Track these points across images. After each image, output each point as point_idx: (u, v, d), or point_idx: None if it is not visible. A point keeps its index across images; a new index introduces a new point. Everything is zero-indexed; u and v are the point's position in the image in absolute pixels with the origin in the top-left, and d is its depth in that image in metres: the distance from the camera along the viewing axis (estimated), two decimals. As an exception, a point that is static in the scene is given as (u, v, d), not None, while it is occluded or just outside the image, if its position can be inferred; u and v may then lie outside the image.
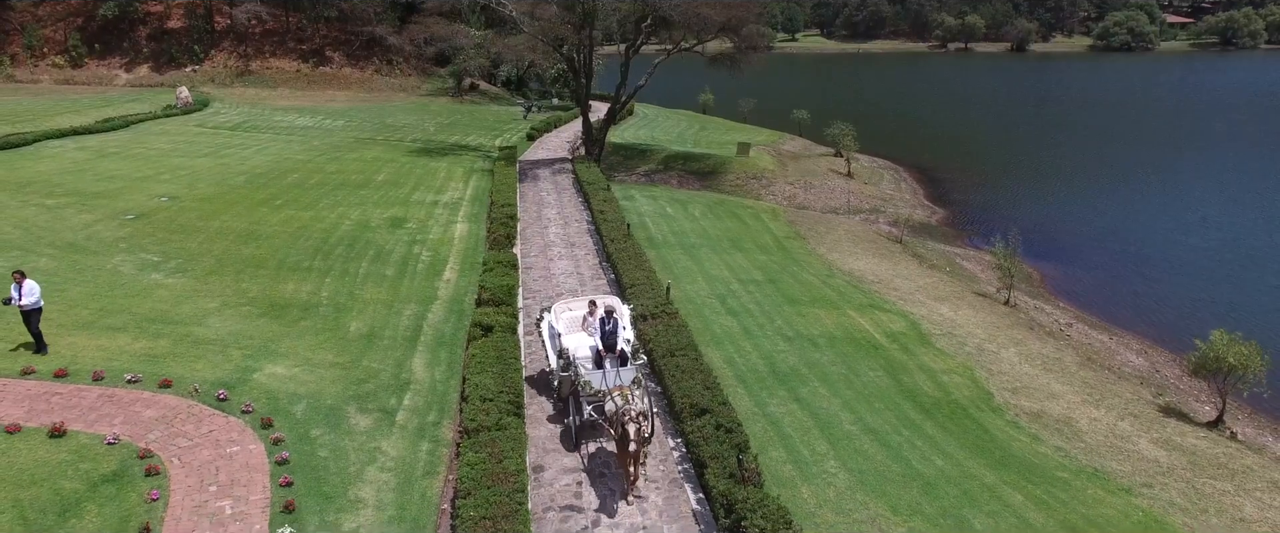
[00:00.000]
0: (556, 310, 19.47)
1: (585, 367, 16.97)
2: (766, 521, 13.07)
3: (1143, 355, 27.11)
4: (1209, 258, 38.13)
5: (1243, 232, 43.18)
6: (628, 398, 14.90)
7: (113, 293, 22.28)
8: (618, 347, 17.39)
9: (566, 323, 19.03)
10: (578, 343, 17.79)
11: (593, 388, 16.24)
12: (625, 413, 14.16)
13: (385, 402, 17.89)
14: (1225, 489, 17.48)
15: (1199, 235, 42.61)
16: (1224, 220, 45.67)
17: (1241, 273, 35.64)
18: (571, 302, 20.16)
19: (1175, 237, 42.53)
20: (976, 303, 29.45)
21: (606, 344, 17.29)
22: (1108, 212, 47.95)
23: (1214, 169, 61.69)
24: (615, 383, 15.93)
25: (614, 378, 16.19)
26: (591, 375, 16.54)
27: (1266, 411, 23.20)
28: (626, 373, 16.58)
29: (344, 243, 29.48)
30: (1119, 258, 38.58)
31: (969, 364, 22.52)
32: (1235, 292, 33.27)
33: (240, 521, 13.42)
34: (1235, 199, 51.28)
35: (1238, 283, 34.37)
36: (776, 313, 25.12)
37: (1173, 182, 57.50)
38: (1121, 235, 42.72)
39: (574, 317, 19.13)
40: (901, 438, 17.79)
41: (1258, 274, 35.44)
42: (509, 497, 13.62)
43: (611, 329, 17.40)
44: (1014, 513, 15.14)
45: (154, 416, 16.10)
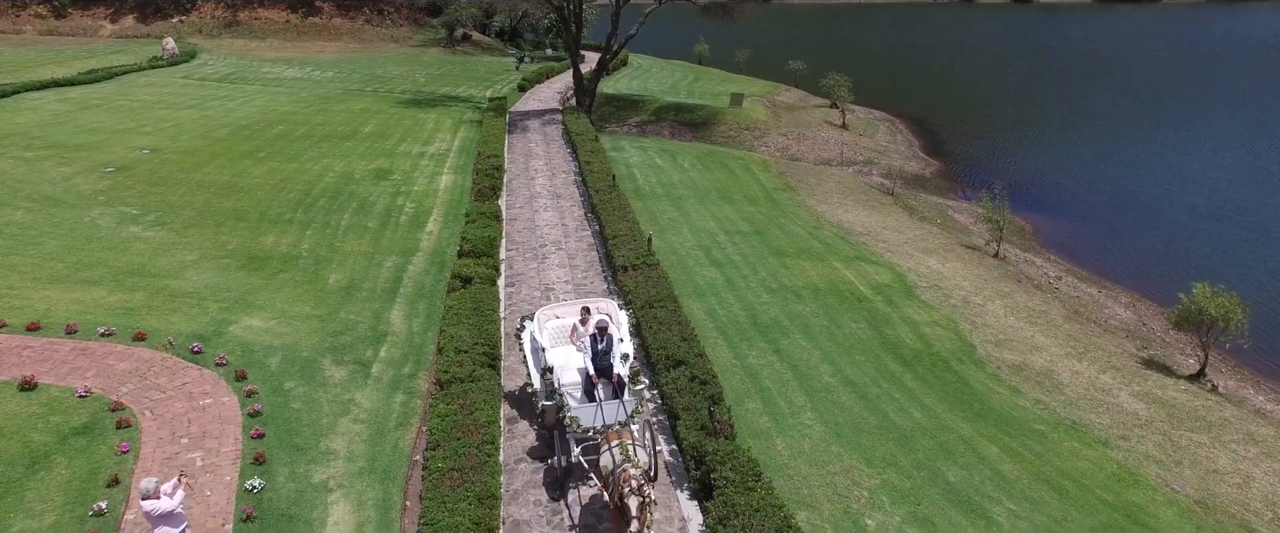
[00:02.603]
0: (540, 318, 16.25)
1: (573, 396, 14.30)
2: (736, 473, 13.07)
3: (1130, 309, 27.01)
4: (1204, 211, 37.86)
5: (1239, 185, 42.82)
6: (628, 450, 12.23)
7: (89, 246, 22.06)
8: (613, 370, 14.37)
9: (552, 334, 15.99)
10: (564, 361, 14.95)
11: (582, 425, 13.67)
12: (625, 479, 11.41)
13: (361, 354, 17.80)
14: (1201, 441, 17.49)
15: (1196, 188, 42.26)
16: (1220, 173, 45.27)
17: (1235, 226, 35.40)
18: (558, 307, 16.79)
19: (1171, 189, 42.19)
20: (965, 256, 29.26)
21: (598, 368, 14.32)
22: (1104, 163, 47.52)
23: (1213, 122, 61.00)
24: (612, 419, 13.62)
25: (610, 413, 13.73)
26: (580, 411, 13.83)
27: (1249, 363, 23.20)
28: (625, 405, 13.95)
29: (327, 195, 29.17)
30: (1113, 210, 38.30)
31: (953, 317, 22.41)
32: (1227, 245, 33.09)
33: (210, 472, 13.40)
34: (1231, 152, 50.79)
35: (1231, 236, 34.16)
36: (761, 265, 24.94)
37: (1170, 133, 56.89)
38: (1117, 187, 42.37)
39: (561, 326, 16.12)
40: (880, 390, 17.75)
41: (1250, 228, 35.19)
42: (478, 449, 13.60)
43: (605, 348, 14.35)
44: (989, 466, 15.15)
45: (127, 369, 16.00)
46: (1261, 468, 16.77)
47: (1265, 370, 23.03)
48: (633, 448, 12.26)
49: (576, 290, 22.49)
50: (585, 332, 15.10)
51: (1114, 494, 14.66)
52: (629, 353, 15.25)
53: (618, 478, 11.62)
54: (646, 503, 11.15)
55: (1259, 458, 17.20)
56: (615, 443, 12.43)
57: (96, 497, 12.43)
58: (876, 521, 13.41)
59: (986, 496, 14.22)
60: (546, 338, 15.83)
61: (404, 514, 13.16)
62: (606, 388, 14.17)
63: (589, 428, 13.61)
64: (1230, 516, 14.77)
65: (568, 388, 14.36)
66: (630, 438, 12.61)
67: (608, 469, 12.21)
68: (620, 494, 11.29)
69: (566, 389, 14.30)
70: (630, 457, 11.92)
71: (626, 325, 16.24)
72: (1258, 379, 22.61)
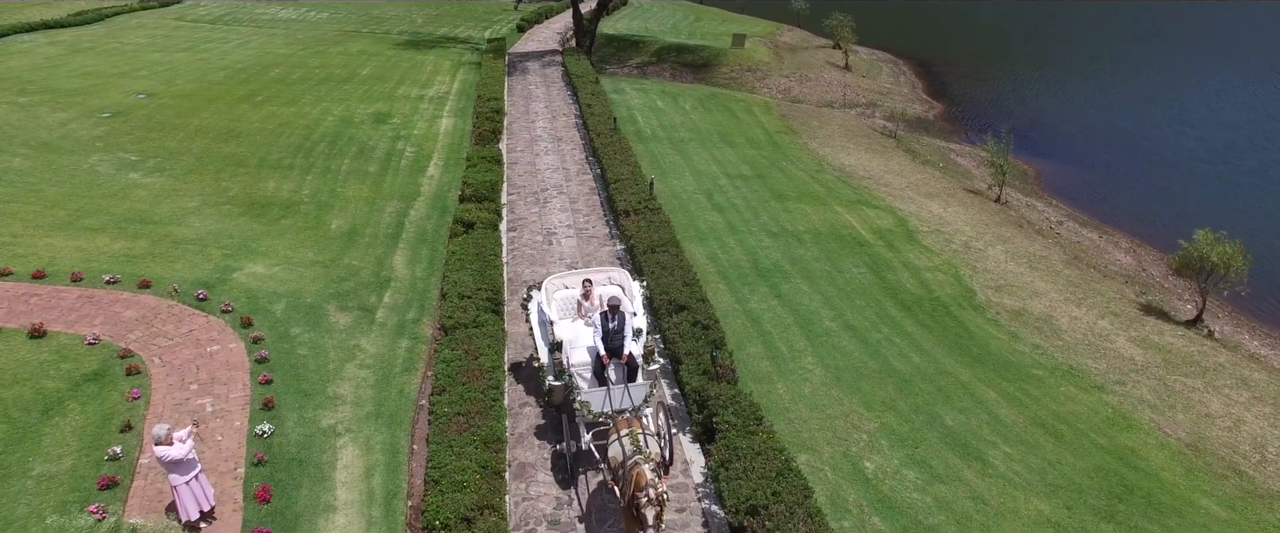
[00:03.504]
0: (548, 289, 15.25)
1: (583, 377, 13.51)
2: (737, 417, 13.30)
3: (1131, 254, 27.06)
4: (1205, 155, 37.60)
5: (1241, 128, 42.43)
6: (639, 441, 11.32)
7: (90, 193, 22.02)
8: (624, 350, 13.47)
9: (560, 306, 15.02)
10: (573, 337, 14.12)
11: (593, 411, 12.76)
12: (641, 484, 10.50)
13: (365, 299, 17.92)
14: (1195, 386, 17.72)
15: (1201, 132, 41.89)
16: (1227, 118, 44.81)
17: (1236, 171, 35.19)
18: (567, 277, 15.65)
19: (1176, 133, 41.83)
20: (967, 200, 29.19)
21: (610, 348, 13.37)
22: (1108, 107, 47.02)
23: (1217, 65, 60.13)
24: (622, 405, 12.68)
25: (621, 398, 12.76)
26: (591, 396, 12.86)
27: (1246, 309, 23.34)
28: (637, 391, 12.92)
29: (326, 139, 28.97)
30: (1117, 154, 38.04)
31: (954, 262, 22.48)
32: (1230, 190, 32.95)
33: (221, 418, 13.63)
34: (1239, 98, 50.18)
35: (1233, 181, 34.00)
36: (763, 209, 24.92)
37: (1179, 77, 56.14)
38: (1121, 131, 42.01)
39: (570, 297, 15.15)
40: (880, 335, 17.92)
41: (1251, 173, 34.99)
42: (483, 394, 13.81)
43: (617, 327, 13.40)
44: (985, 410, 15.39)
45: (134, 316, 16.14)
46: (1252, 412, 17.04)
47: (1261, 316, 23.19)
48: (644, 438, 11.41)
49: (578, 234, 22.52)
50: (589, 306, 14.44)
51: (1108, 438, 14.93)
52: (643, 328, 14.37)
53: (629, 474, 10.84)
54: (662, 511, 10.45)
55: (1250, 402, 17.46)
56: (625, 432, 11.57)
57: (111, 442, 12.68)
58: (875, 463, 13.69)
59: (983, 439, 14.49)
60: (555, 310, 14.77)
61: (411, 458, 13.44)
62: (619, 369, 13.32)
63: (600, 413, 12.69)
64: (1219, 458, 15.07)
65: (577, 368, 13.52)
66: (641, 426, 11.75)
67: (617, 461, 11.43)
68: (636, 502, 10.44)
69: (576, 370, 13.49)
70: (641, 449, 11.06)
71: (640, 298, 15.19)
72: (1253, 325, 22.79)
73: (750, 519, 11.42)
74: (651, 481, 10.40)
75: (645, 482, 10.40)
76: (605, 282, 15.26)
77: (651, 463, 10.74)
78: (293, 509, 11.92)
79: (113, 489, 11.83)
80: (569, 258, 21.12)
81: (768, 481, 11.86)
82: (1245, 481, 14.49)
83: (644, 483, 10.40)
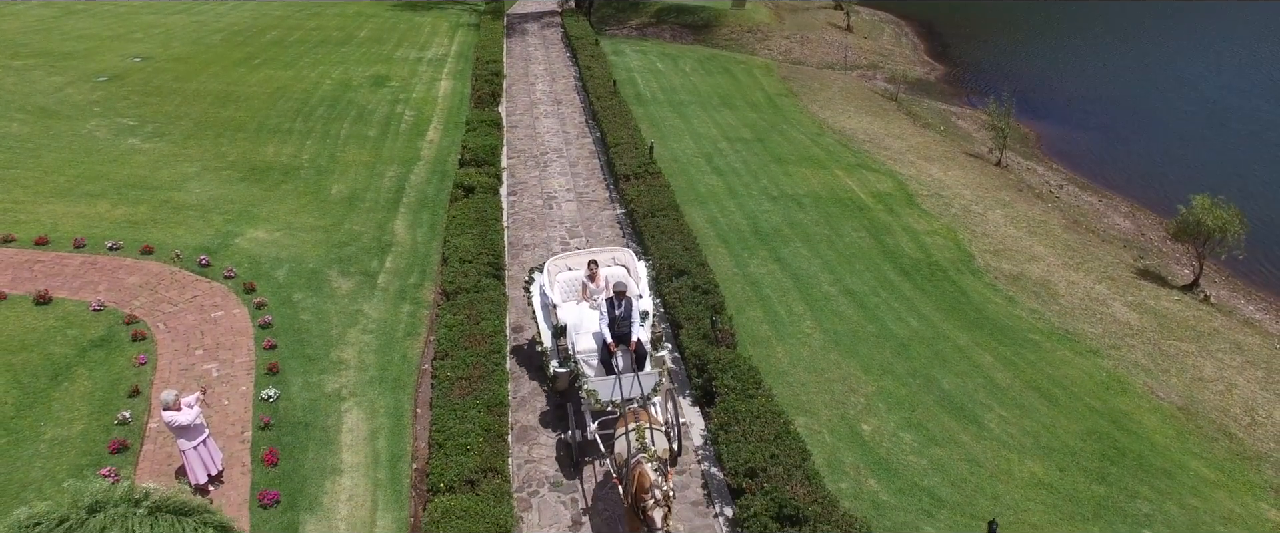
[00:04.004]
0: (551, 270, 14.72)
1: (589, 365, 13.10)
2: (737, 380, 13.49)
3: (1130, 218, 27.10)
4: (1209, 119, 37.39)
5: (1246, 93, 42.13)
6: (645, 438, 10.83)
7: (89, 159, 21.99)
8: (632, 336, 13.01)
9: (563, 288, 14.57)
10: (578, 321, 13.64)
11: (600, 400, 12.44)
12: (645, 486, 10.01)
13: (367, 264, 18.03)
14: (1189, 351, 17.91)
15: (1203, 95, 41.61)
16: (1229, 81, 44.47)
17: (1238, 135, 35.03)
18: (570, 257, 15.13)
19: (1178, 96, 41.55)
20: (967, 164, 29.15)
21: (617, 335, 12.94)
22: (1111, 70, 46.61)
23: (1229, 28, 59.49)
24: (632, 394, 12.27)
25: (630, 387, 12.33)
26: (598, 385, 12.52)
27: (1243, 274, 23.44)
28: (646, 380, 12.50)
29: (325, 103, 28.83)
30: (1119, 117, 37.82)
31: (953, 226, 22.54)
32: (1232, 154, 32.83)
33: (226, 383, 13.81)
34: (1241, 60, 49.73)
35: (1233, 145, 33.86)
36: (763, 172, 24.92)
37: (1184, 39, 55.57)
38: (1124, 93, 41.71)
39: (574, 279, 14.67)
40: (879, 299, 18.06)
41: (1250, 136, 34.83)
42: (486, 358, 13.98)
43: (623, 314, 12.93)
44: (982, 374, 15.58)
45: (137, 282, 16.25)
46: (1244, 376, 17.25)
47: (1257, 281, 23.30)
48: (650, 434, 10.93)
49: (578, 199, 22.56)
50: (595, 288, 14.06)
51: (1102, 402, 15.15)
52: (649, 310, 13.87)
53: (631, 473, 10.39)
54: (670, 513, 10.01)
55: (1243, 366, 17.66)
56: (632, 427, 11.06)
57: (119, 407, 12.87)
58: (872, 426, 13.91)
59: (979, 402, 14.70)
60: (557, 292, 14.32)
61: (415, 421, 13.65)
62: (626, 356, 12.82)
63: (607, 403, 12.37)
64: (1211, 421, 15.30)
65: (583, 355, 13.08)
66: (649, 420, 11.28)
67: (622, 458, 10.95)
68: (642, 505, 9.97)
69: (581, 357, 13.05)
70: (647, 446, 10.65)
71: (646, 279, 14.76)
72: (1249, 290, 22.91)
73: (749, 481, 11.65)
74: (656, 481, 9.96)
75: (649, 483, 9.95)
76: (610, 262, 14.78)
77: (656, 461, 10.32)
78: (300, 472, 12.15)
79: (123, 453, 12.05)
80: (569, 222, 21.18)
81: (766, 443, 12.08)
82: (1235, 443, 14.74)
83: (648, 485, 9.95)
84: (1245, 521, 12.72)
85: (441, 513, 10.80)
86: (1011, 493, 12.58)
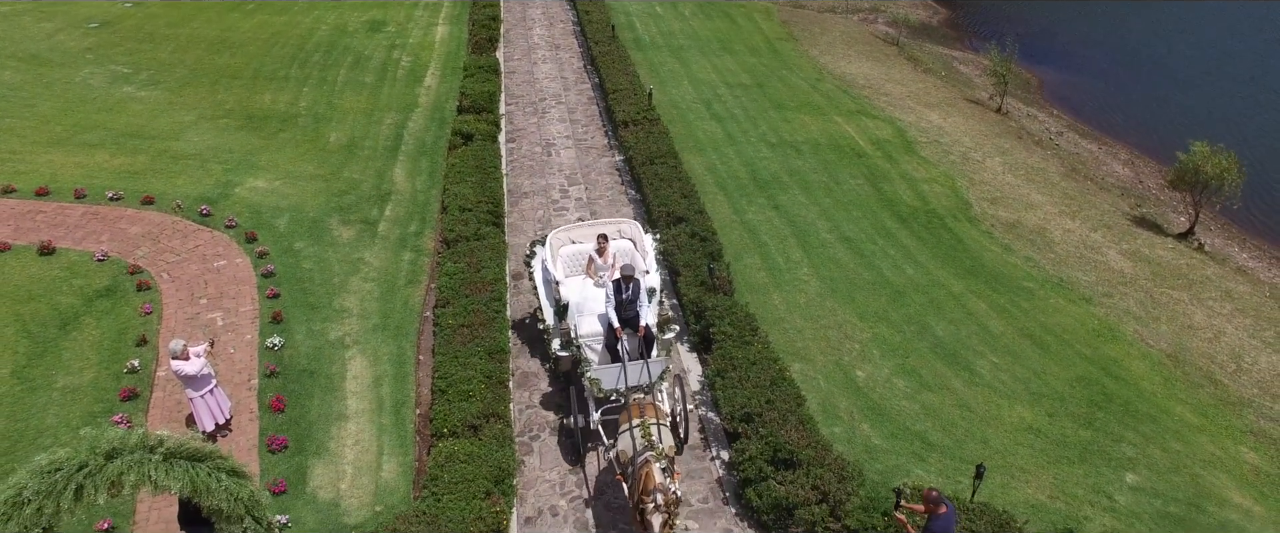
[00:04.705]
0: (553, 244, 14.06)
1: (593, 349, 12.57)
2: (733, 327, 13.74)
3: (1129, 166, 27.07)
4: (1214, 65, 36.97)
5: (1248, 38, 41.55)
6: (650, 434, 10.23)
7: (85, 108, 21.89)
8: (640, 321, 12.40)
9: (567, 263, 13.99)
10: (581, 300, 13.06)
11: (604, 388, 11.77)
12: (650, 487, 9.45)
13: (367, 213, 18.13)
14: (1180, 298, 18.12)
15: (1207, 39, 41.06)
16: (1232, 25, 43.82)
17: (1238, 81, 34.68)
18: (574, 230, 14.41)
19: (1183, 42, 40.99)
20: (968, 110, 28.99)
21: (623, 319, 12.36)
22: (1118, 13, 45.89)
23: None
24: (638, 381, 11.65)
25: (636, 375, 11.66)
26: (602, 373, 11.80)
27: (1239, 222, 23.48)
28: (653, 367, 11.79)
29: (321, 49, 28.53)
30: (1122, 63, 37.39)
31: (951, 174, 22.57)
32: (1232, 101, 32.57)
33: (231, 331, 14.05)
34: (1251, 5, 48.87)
35: (1235, 92, 33.54)
36: (762, 118, 24.83)
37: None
38: (1129, 39, 41.15)
39: (577, 254, 14.05)
40: (875, 247, 18.22)
41: (1255, 83, 34.50)
42: (487, 305, 14.20)
43: (630, 297, 12.32)
44: (975, 321, 15.82)
45: (139, 232, 16.37)
46: (1233, 324, 17.49)
47: (1253, 228, 23.36)
48: (657, 430, 10.37)
49: (577, 145, 22.54)
50: (602, 264, 13.46)
51: (1092, 349, 15.41)
52: (656, 287, 13.30)
53: (638, 472, 9.86)
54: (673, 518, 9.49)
55: (1232, 314, 17.90)
56: (637, 422, 10.50)
57: (128, 356, 13.13)
58: (866, 372, 14.20)
59: (972, 349, 14.97)
60: (561, 268, 13.74)
61: (418, 368, 13.92)
62: (632, 340, 12.33)
63: (612, 391, 11.75)
64: (1197, 368, 15.59)
65: (587, 339, 12.53)
66: (655, 413, 10.72)
67: (627, 455, 10.42)
68: (642, 507, 9.45)
69: (585, 341, 12.49)
70: (654, 444, 10.09)
71: (653, 253, 14.18)
72: (1244, 237, 23.00)
73: (745, 426, 11.98)
74: (662, 483, 9.45)
75: (654, 485, 9.43)
76: (616, 235, 14.18)
77: (664, 461, 9.79)
78: (306, 418, 12.46)
79: (134, 401, 12.34)
80: (568, 169, 21.21)
81: (762, 389, 12.38)
82: (1219, 389, 15.05)
83: (652, 487, 9.43)
84: (1225, 463, 13.09)
85: (445, 457, 11.14)
86: (1000, 438, 12.92)
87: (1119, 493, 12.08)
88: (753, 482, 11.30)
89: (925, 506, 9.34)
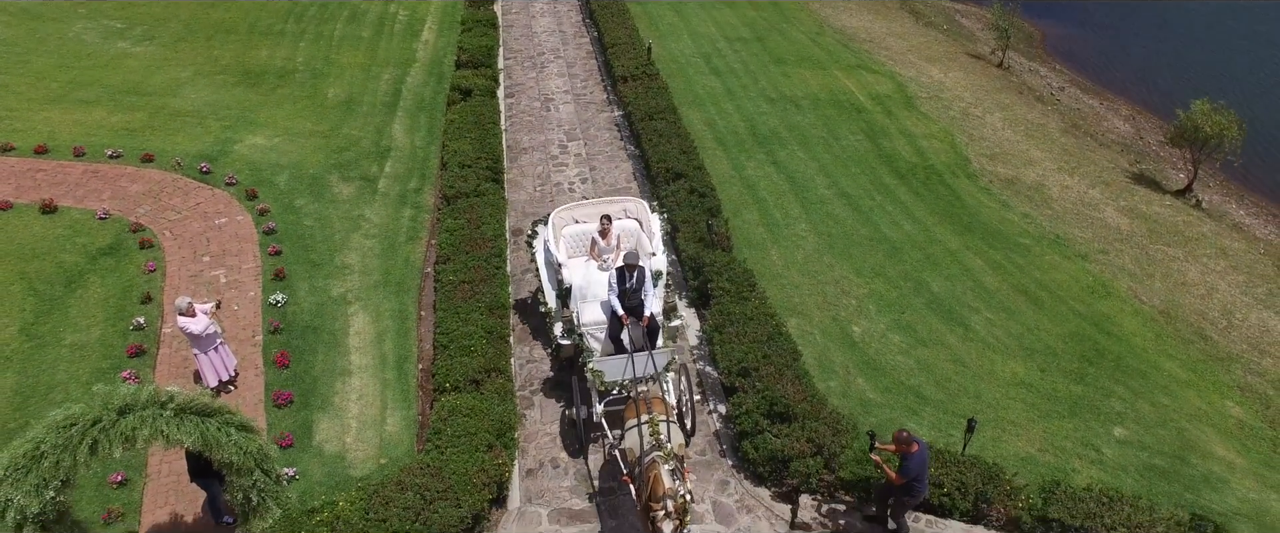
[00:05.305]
0: (556, 223, 13.50)
1: (596, 338, 12.22)
2: (731, 283, 13.89)
3: (1130, 122, 26.96)
4: (1219, 21, 36.47)
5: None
6: (659, 432, 9.71)
7: (80, 64, 21.72)
8: (644, 310, 11.94)
9: (570, 243, 13.48)
10: (585, 283, 12.67)
11: (607, 380, 11.47)
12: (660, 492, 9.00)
13: (367, 169, 18.15)
14: (1176, 255, 18.25)
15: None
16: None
17: (1237, 36, 34.26)
18: (577, 209, 13.81)
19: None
20: (968, 65, 28.78)
21: (627, 307, 11.96)
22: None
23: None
24: (644, 372, 11.28)
25: (641, 366, 11.30)
26: (606, 366, 11.50)
27: (1238, 179, 23.45)
28: (659, 358, 11.48)
29: (317, 3, 28.16)
30: (1126, 17, 36.93)
31: (950, 129, 22.53)
32: (1240, 57, 32.21)
33: (235, 288, 14.21)
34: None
35: (1237, 47, 33.16)
36: (762, 73, 24.70)
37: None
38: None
39: (581, 234, 13.51)
40: (873, 203, 18.30)
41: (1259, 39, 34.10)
42: (487, 261, 14.31)
43: (635, 286, 11.86)
44: (971, 277, 15.98)
45: (140, 190, 16.42)
46: (1226, 280, 17.65)
47: (1251, 185, 23.34)
48: (666, 427, 9.83)
49: (576, 100, 22.46)
50: (606, 246, 13.04)
51: (1085, 305, 15.59)
52: (662, 270, 12.87)
53: (645, 474, 9.41)
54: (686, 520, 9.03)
55: (1226, 271, 18.04)
56: (645, 417, 10.02)
57: (133, 313, 13.30)
58: (862, 327, 14.40)
59: (967, 305, 15.16)
60: (563, 250, 13.21)
61: (419, 323, 14.11)
62: (635, 328, 11.96)
63: (615, 383, 11.46)
64: (1189, 324, 15.79)
65: (590, 328, 12.22)
66: (663, 409, 10.27)
67: (633, 454, 10.00)
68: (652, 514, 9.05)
69: (588, 330, 12.19)
70: (663, 443, 9.56)
71: (660, 234, 13.63)
72: (1242, 193, 23.02)
73: (742, 380, 12.19)
74: (671, 488, 8.99)
75: (664, 491, 8.97)
76: (621, 214, 13.67)
77: (672, 462, 9.29)
78: (311, 374, 12.68)
79: (141, 357, 12.54)
80: (567, 125, 21.17)
81: (759, 344, 12.57)
82: (1209, 344, 15.27)
83: (661, 492, 8.99)
84: (1211, 417, 13.36)
85: (448, 411, 11.36)
86: (993, 392, 13.17)
87: (1106, 446, 12.36)
88: (749, 435, 11.55)
89: (896, 445, 9.51)
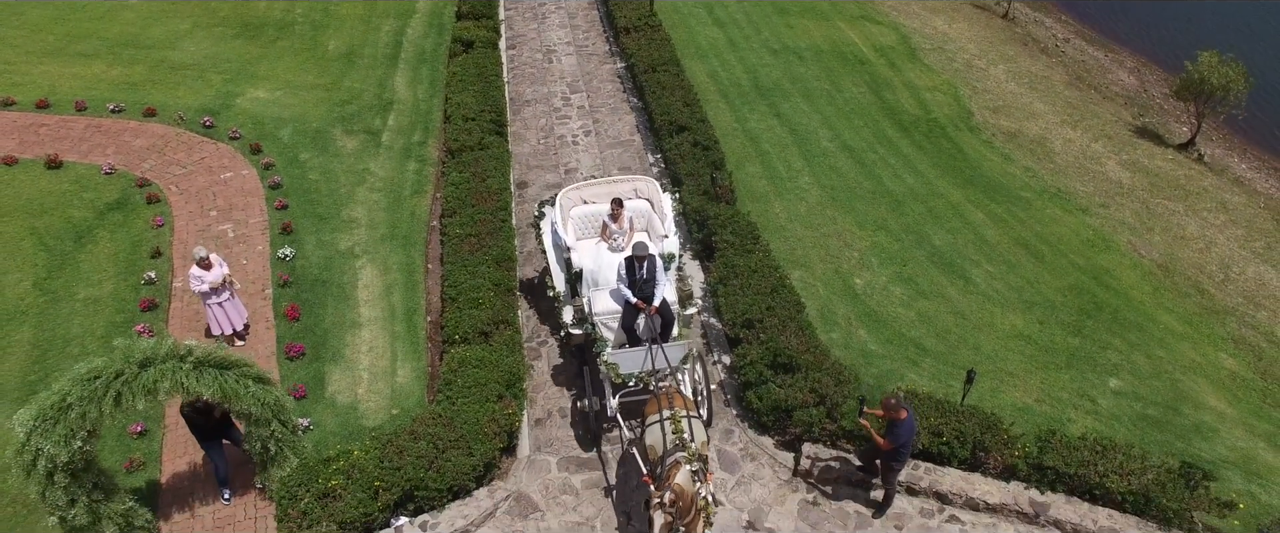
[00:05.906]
0: (563, 204, 12.84)
1: (608, 327, 11.61)
2: (735, 236, 14.01)
3: (1135, 74, 26.76)
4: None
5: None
6: (681, 429, 9.12)
7: (76, 16, 21.49)
8: (655, 298, 11.31)
9: (578, 226, 12.88)
10: (595, 265, 12.06)
11: (621, 373, 10.96)
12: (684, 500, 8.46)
13: (370, 123, 18.14)
14: (1176, 209, 18.34)
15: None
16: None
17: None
18: (586, 189, 13.09)
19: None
20: (973, 16, 28.49)
21: (641, 296, 11.29)
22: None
23: None
24: (660, 364, 10.81)
25: (656, 357, 10.82)
26: (619, 357, 10.97)
27: (1241, 133, 23.34)
28: (674, 351, 10.97)
29: (312, -49, 27.73)
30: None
31: (954, 82, 22.43)
32: (1248, 7, 31.77)
33: (243, 243, 14.33)
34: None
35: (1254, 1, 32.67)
36: (764, 24, 24.46)
37: None
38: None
39: (590, 215, 12.91)
40: (876, 156, 18.33)
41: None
42: (493, 215, 14.41)
43: (646, 276, 11.22)
44: (972, 230, 16.11)
45: (144, 144, 16.43)
46: (1225, 234, 17.78)
47: (1254, 138, 23.24)
48: (689, 424, 9.29)
49: (578, 52, 22.30)
50: (617, 229, 12.45)
51: (1085, 258, 15.75)
52: (675, 251, 12.34)
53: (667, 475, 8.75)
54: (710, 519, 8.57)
55: (1225, 225, 18.16)
56: (667, 413, 9.47)
57: (144, 267, 13.45)
58: (864, 280, 14.58)
59: (968, 258, 15.31)
60: (571, 232, 12.56)
61: (427, 276, 14.28)
62: (650, 321, 11.45)
63: (630, 375, 11.01)
64: (1186, 277, 15.97)
65: (602, 318, 11.61)
66: (684, 404, 9.71)
67: (656, 452, 9.34)
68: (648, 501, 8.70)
69: (600, 319, 11.61)
70: (686, 442, 9.00)
71: (672, 215, 12.97)
72: (1245, 147, 22.96)
73: (746, 332, 12.39)
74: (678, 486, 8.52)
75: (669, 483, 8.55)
76: (631, 194, 13.03)
77: (696, 463, 8.71)
78: (321, 326, 12.88)
79: (154, 311, 12.73)
80: (569, 77, 21.06)
81: (762, 296, 12.72)
82: (1206, 298, 15.47)
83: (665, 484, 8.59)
84: (1204, 369, 13.62)
85: (458, 363, 11.57)
86: (992, 344, 13.40)
87: (1102, 397, 12.63)
88: (753, 385, 11.78)
89: (884, 412, 9.52)
